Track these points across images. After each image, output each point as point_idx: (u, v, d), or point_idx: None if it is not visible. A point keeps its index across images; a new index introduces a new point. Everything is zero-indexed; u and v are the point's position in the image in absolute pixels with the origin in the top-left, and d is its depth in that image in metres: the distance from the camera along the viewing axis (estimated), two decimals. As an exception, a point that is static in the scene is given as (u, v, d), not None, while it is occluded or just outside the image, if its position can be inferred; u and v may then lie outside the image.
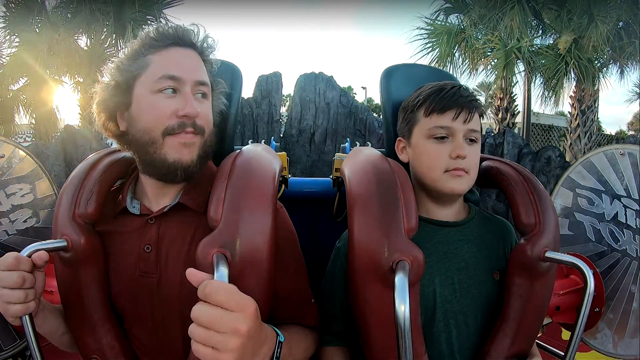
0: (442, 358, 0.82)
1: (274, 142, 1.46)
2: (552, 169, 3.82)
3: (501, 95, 7.60)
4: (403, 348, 0.63)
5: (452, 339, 0.83)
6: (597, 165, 1.49)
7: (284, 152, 1.20)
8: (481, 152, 0.91)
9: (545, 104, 7.05)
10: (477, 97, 0.89)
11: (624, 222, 1.40)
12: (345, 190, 0.83)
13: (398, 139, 0.93)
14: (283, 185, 1.18)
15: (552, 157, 3.85)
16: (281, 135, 4.92)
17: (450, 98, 0.84)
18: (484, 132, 4.55)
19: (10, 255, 0.69)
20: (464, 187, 0.84)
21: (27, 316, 0.71)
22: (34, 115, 7.46)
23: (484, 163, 0.99)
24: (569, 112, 7.24)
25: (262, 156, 0.83)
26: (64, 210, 0.78)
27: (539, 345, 1.03)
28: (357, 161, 0.89)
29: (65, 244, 0.75)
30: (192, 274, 0.61)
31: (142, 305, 0.79)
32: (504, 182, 0.90)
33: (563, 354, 0.84)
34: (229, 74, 0.97)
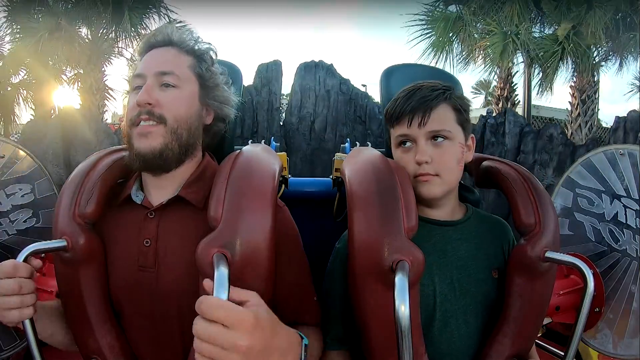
0: (443, 358, 0.82)
1: (274, 142, 1.46)
2: (554, 146, 3.80)
3: (501, 85, 7.58)
4: (403, 348, 0.63)
5: (452, 338, 0.83)
6: (597, 165, 1.49)
7: (284, 153, 1.20)
8: (482, 133, 0.90)
9: (544, 93, 7.04)
10: (440, 91, 0.85)
11: (624, 222, 1.39)
12: (345, 190, 0.83)
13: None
14: (283, 185, 1.18)
15: (554, 134, 3.84)
16: (281, 124, 4.90)
17: (402, 105, 0.85)
18: (484, 114, 4.49)
19: (7, 263, 0.70)
20: (433, 191, 0.83)
21: (27, 320, 0.71)
22: (34, 108, 7.46)
23: (484, 163, 0.99)
24: (569, 102, 7.20)
25: (262, 156, 0.84)
26: (64, 210, 0.78)
27: (538, 345, 1.03)
28: (357, 161, 0.89)
29: (65, 244, 0.75)
30: (208, 286, 0.61)
31: (141, 300, 0.79)
32: (504, 182, 0.90)
33: (563, 353, 0.84)
34: (228, 74, 0.97)
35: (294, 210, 0.90)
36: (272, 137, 1.64)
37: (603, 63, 6.95)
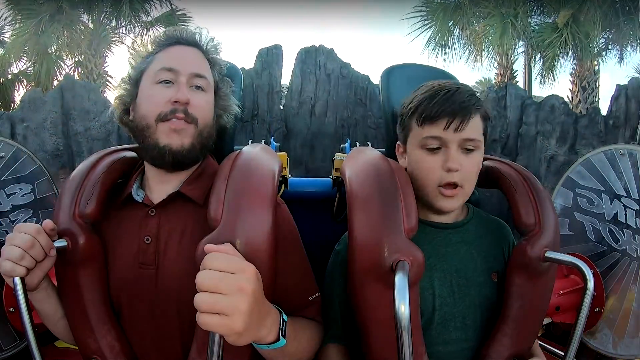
0: (441, 359, 0.82)
1: (274, 142, 1.46)
2: (556, 116, 3.79)
3: (501, 72, 7.56)
4: (403, 348, 0.63)
5: (450, 340, 0.83)
6: (597, 165, 1.49)
7: (284, 153, 1.20)
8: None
9: (546, 81, 7.02)
10: (476, 97, 0.82)
11: (624, 222, 1.40)
12: (345, 190, 0.83)
13: (397, 143, 0.92)
14: (283, 185, 1.18)
15: (555, 104, 3.82)
16: (281, 107, 4.93)
17: (442, 105, 0.79)
18: (484, 89, 4.48)
19: (34, 225, 0.71)
20: (455, 205, 0.83)
21: (18, 279, 0.69)
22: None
23: (484, 163, 0.98)
24: (569, 89, 7.18)
25: (261, 156, 0.84)
26: (64, 210, 0.78)
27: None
28: (357, 161, 0.89)
29: (65, 244, 0.75)
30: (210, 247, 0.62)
31: (141, 298, 0.79)
32: (504, 182, 0.90)
33: (563, 353, 0.84)
34: (228, 74, 0.97)
35: (294, 210, 0.90)
36: (272, 137, 1.64)
37: (603, 53, 6.95)
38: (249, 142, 1.11)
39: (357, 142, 1.33)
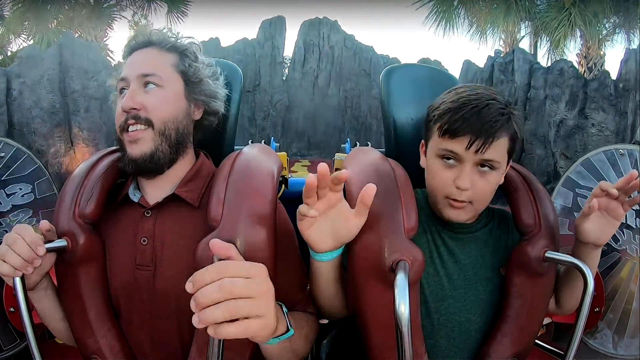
0: (442, 354, 0.82)
1: (274, 142, 1.46)
2: (565, 79, 3.71)
3: (507, 50, 7.52)
4: (403, 348, 0.63)
5: (453, 334, 0.83)
6: (597, 165, 1.50)
7: (284, 153, 1.20)
8: (491, 72, 0.83)
9: (551, 62, 6.99)
10: (507, 114, 0.75)
11: (624, 222, 1.40)
12: (345, 190, 0.83)
13: (422, 141, 0.88)
14: (283, 186, 1.18)
15: (564, 68, 3.75)
16: (284, 79, 4.88)
17: (466, 121, 0.73)
18: (492, 54, 4.32)
19: (26, 227, 0.71)
20: (463, 217, 0.81)
21: (18, 279, 0.70)
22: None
23: None
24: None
25: (261, 157, 0.84)
26: (64, 210, 0.78)
27: (539, 346, 1.03)
28: (357, 161, 0.89)
29: (65, 244, 0.75)
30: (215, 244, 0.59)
31: (138, 299, 0.80)
32: (504, 182, 0.90)
33: (563, 353, 0.84)
34: (228, 75, 0.97)
35: (293, 211, 0.90)
36: (272, 138, 1.64)
37: (611, 37, 6.92)
38: (249, 141, 1.11)
39: (357, 142, 1.33)
